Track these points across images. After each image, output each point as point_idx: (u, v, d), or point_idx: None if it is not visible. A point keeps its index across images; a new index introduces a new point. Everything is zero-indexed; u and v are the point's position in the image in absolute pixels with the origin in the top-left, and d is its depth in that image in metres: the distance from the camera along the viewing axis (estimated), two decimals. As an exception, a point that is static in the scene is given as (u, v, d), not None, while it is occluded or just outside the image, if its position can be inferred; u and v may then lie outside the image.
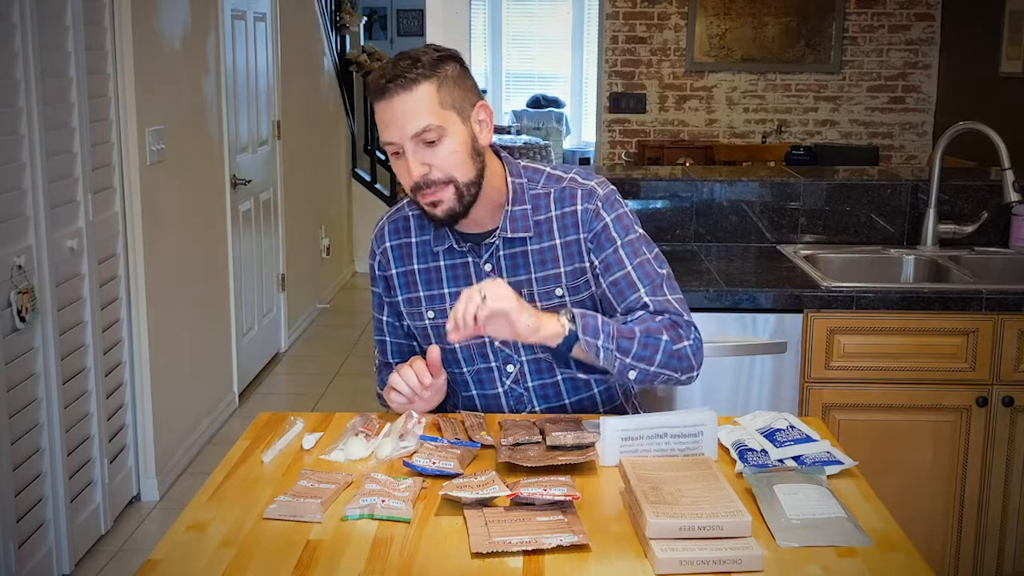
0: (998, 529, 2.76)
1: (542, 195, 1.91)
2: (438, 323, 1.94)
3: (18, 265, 2.84)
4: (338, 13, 7.19)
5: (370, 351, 5.58)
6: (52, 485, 3.06)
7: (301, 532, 1.50)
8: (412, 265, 1.97)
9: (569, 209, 1.90)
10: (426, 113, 1.75)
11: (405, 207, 1.99)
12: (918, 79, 7.07)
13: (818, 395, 2.70)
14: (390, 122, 1.77)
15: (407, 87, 1.75)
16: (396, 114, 1.76)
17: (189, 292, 4.11)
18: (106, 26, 3.39)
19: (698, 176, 3.35)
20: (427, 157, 1.77)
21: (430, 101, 1.76)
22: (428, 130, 1.75)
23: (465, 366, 1.97)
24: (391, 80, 1.75)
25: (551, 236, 1.90)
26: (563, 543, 1.42)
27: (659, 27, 7.12)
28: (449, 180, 1.79)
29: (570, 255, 1.90)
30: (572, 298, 1.90)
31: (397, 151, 1.78)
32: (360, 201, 7.42)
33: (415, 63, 1.76)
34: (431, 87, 1.76)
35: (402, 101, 1.75)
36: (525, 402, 1.97)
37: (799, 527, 1.49)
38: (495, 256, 1.91)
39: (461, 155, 1.79)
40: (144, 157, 3.59)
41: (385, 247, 1.99)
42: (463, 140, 1.79)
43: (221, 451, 3.41)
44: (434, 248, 1.94)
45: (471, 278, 1.91)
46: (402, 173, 1.81)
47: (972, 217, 3.18)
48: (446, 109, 1.77)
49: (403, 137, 1.76)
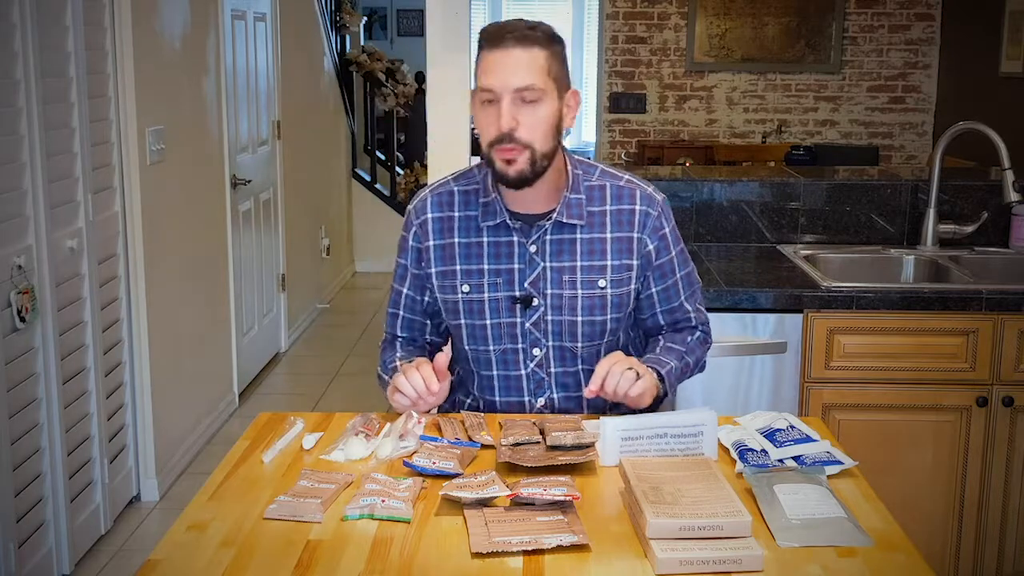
0: (998, 529, 2.76)
1: (596, 187, 1.96)
2: (472, 297, 1.95)
3: (18, 265, 2.84)
4: (338, 13, 7.19)
5: (370, 351, 5.59)
6: (52, 485, 3.06)
7: (301, 532, 1.50)
8: (452, 239, 1.97)
9: (627, 207, 1.96)
10: (534, 73, 1.81)
11: (451, 182, 2.01)
12: (918, 79, 7.07)
13: (818, 395, 2.70)
14: (497, 70, 1.80)
15: (525, 44, 1.80)
16: (507, 64, 1.80)
17: (189, 292, 4.11)
18: (106, 26, 3.38)
19: (698, 176, 3.36)
20: (520, 114, 1.81)
21: (540, 64, 1.81)
22: (531, 88, 1.80)
23: (493, 344, 1.97)
24: (511, 32, 1.81)
25: (603, 229, 1.95)
26: (563, 543, 1.42)
27: (659, 27, 7.12)
28: (528, 144, 1.82)
29: (619, 250, 1.95)
30: (613, 291, 1.95)
31: (491, 99, 1.82)
32: (360, 201, 7.42)
33: (535, 28, 1.83)
34: (544, 53, 1.82)
35: (516, 55, 1.80)
36: (545, 387, 1.99)
37: (799, 527, 1.49)
38: (542, 239, 1.94)
39: (547, 125, 1.84)
40: (144, 157, 3.59)
41: (426, 218, 1.99)
42: (553, 112, 1.84)
43: (221, 451, 3.42)
44: (481, 223, 1.95)
45: (513, 257, 1.94)
46: (488, 123, 1.83)
47: (972, 217, 3.18)
48: (550, 78, 1.83)
49: (505, 87, 1.80)
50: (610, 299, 1.95)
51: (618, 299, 1.95)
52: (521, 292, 1.93)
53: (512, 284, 1.94)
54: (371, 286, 7.08)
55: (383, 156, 7.68)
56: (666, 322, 2.04)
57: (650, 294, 2.00)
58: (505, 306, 1.94)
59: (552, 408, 2.00)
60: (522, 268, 1.93)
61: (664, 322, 2.04)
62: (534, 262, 1.93)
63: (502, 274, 1.94)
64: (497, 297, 1.94)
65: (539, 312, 1.94)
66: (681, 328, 2.05)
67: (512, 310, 1.94)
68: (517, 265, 1.94)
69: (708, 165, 6.41)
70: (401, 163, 7.75)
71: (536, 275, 1.93)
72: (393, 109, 7.44)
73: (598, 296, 1.94)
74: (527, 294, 1.93)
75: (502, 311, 1.94)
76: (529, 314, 1.94)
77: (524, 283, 1.93)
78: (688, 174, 3.45)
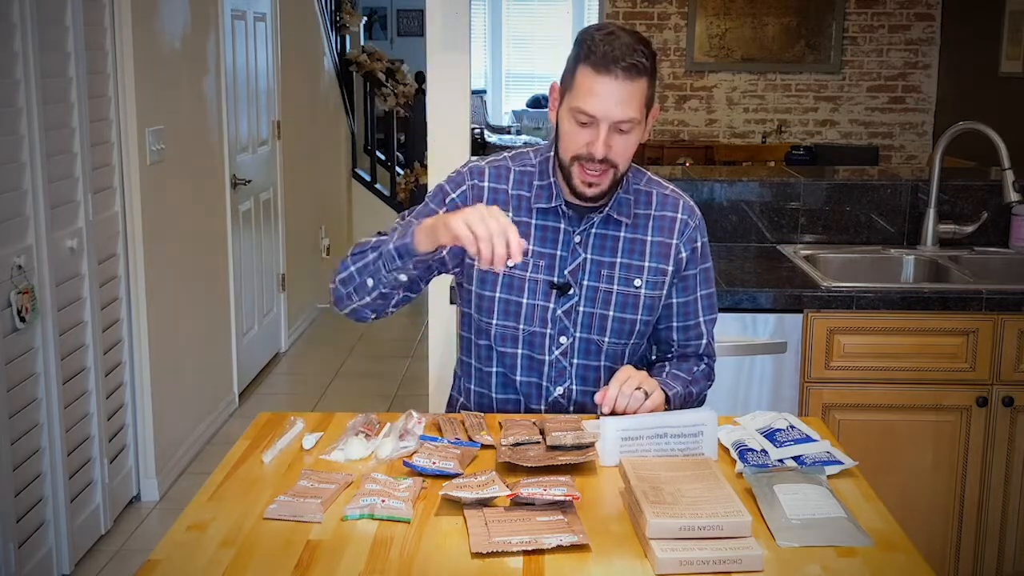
0: (998, 529, 2.76)
1: (643, 192, 2.01)
2: (514, 273, 1.96)
3: (18, 265, 2.84)
4: (338, 13, 7.19)
5: (370, 351, 5.61)
6: (52, 485, 3.06)
7: (301, 532, 1.50)
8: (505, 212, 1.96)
9: (670, 214, 2.00)
10: (635, 106, 1.82)
11: (508, 159, 2.02)
12: (918, 79, 7.07)
13: (818, 395, 2.70)
14: (602, 97, 1.80)
15: (632, 76, 1.80)
16: (612, 95, 1.80)
17: (189, 292, 4.11)
18: (106, 26, 3.38)
19: (698, 176, 3.36)
20: (613, 141, 1.83)
21: (641, 96, 1.83)
22: (630, 121, 1.82)
23: (524, 323, 1.98)
24: (622, 60, 1.79)
25: (645, 231, 1.98)
26: (563, 543, 1.42)
27: (659, 27, 7.12)
28: (614, 166, 1.86)
29: (657, 254, 1.98)
30: (647, 292, 1.98)
31: (588, 122, 1.82)
32: (360, 201, 7.42)
33: (638, 51, 1.80)
34: (647, 82, 1.83)
35: (623, 86, 1.80)
36: (566, 376, 2.00)
37: (799, 527, 1.49)
38: (588, 232, 1.97)
39: (633, 148, 1.88)
40: (144, 157, 3.59)
41: (482, 185, 1.99)
42: (640, 136, 1.88)
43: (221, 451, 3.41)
44: (532, 205, 1.97)
45: (558, 243, 1.96)
46: (577, 140, 1.85)
47: (972, 217, 3.18)
48: (644, 106, 1.85)
49: (607, 117, 1.81)
50: (643, 299, 1.97)
51: (651, 301, 1.98)
52: (560, 279, 1.96)
53: (552, 269, 1.96)
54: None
55: (383, 156, 7.68)
56: (679, 339, 2.05)
57: (670, 304, 2.02)
58: (543, 289, 1.96)
59: (569, 398, 2.01)
60: (564, 256, 1.96)
61: (677, 338, 2.05)
62: (576, 252, 1.96)
63: (545, 257, 1.96)
64: (537, 279, 1.96)
65: (572, 301, 1.96)
66: (689, 355, 2.06)
67: (548, 295, 1.96)
68: (560, 252, 1.96)
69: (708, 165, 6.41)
70: (401, 163, 7.75)
71: (576, 265, 1.96)
72: (393, 109, 7.44)
73: (632, 295, 1.97)
74: (565, 281, 1.96)
75: (539, 293, 1.96)
76: (563, 301, 1.96)
77: (564, 270, 1.96)
78: (688, 174, 3.45)
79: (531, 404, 2.02)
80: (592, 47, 1.81)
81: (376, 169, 7.51)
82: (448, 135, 3.15)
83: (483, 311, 2.00)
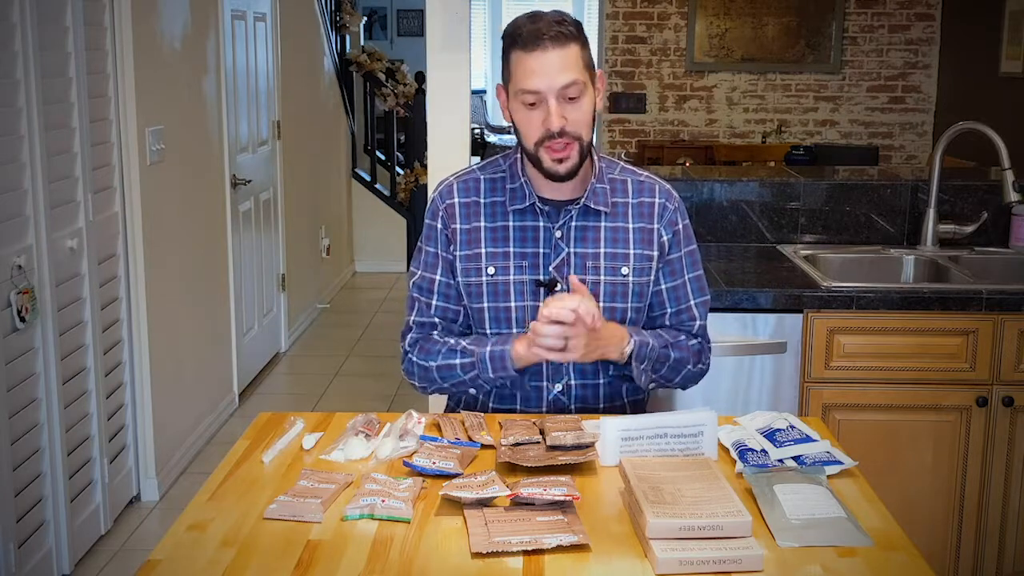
0: (998, 529, 2.76)
1: (618, 181, 2.02)
2: (497, 279, 1.97)
3: (18, 265, 2.84)
4: (338, 13, 7.19)
5: (370, 351, 5.61)
6: (52, 485, 3.06)
7: (301, 532, 1.50)
8: (479, 223, 2.00)
9: (647, 200, 2.02)
10: (575, 69, 1.85)
11: (476, 171, 2.05)
12: (918, 79, 7.07)
13: (818, 395, 2.70)
14: (539, 72, 1.83)
15: (562, 43, 1.84)
16: (548, 65, 1.83)
17: (189, 292, 4.11)
18: (106, 26, 3.38)
19: (698, 176, 3.36)
20: (566, 111, 1.86)
21: (577, 59, 1.86)
22: (574, 84, 1.84)
23: (516, 327, 1.98)
24: (545, 32, 1.83)
25: (626, 219, 2.00)
26: (563, 543, 1.42)
27: (659, 27, 7.13)
28: (577, 137, 1.88)
29: (641, 240, 2.00)
30: (635, 279, 1.99)
31: (536, 101, 1.85)
32: (360, 201, 7.42)
33: (562, 23, 1.85)
34: (578, 46, 1.86)
35: (556, 55, 1.83)
36: (563, 373, 2.00)
37: (799, 527, 1.49)
38: (567, 225, 1.98)
39: (589, 116, 1.89)
40: (144, 157, 3.59)
41: (452, 203, 2.02)
42: (592, 101, 1.89)
43: (221, 451, 3.41)
44: (508, 207, 1.98)
45: (539, 241, 1.97)
46: (533, 124, 1.88)
47: (972, 217, 3.18)
48: (586, 69, 1.87)
49: (550, 88, 1.84)
50: (632, 287, 1.98)
51: (639, 288, 1.99)
52: (546, 276, 1.96)
53: (537, 268, 1.97)
54: (371, 286, 7.08)
55: (383, 156, 7.68)
56: (672, 324, 2.05)
57: (659, 290, 2.02)
58: (529, 289, 1.97)
59: (569, 394, 2.01)
60: (547, 252, 1.97)
61: (671, 323, 2.05)
62: (559, 247, 1.96)
63: (527, 257, 1.97)
64: (522, 280, 1.97)
65: None
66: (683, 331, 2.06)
67: (536, 293, 1.97)
68: (542, 249, 1.97)
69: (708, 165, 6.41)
70: (401, 163, 7.75)
71: (561, 260, 1.96)
72: (393, 109, 7.44)
73: (620, 283, 1.97)
74: (551, 278, 1.96)
75: (526, 294, 1.97)
76: None
77: (549, 267, 1.96)
78: (688, 174, 3.45)
79: (530, 405, 2.02)
80: (516, 33, 1.86)
81: (376, 169, 7.51)
82: (448, 135, 3.15)
83: (476, 322, 2.01)
